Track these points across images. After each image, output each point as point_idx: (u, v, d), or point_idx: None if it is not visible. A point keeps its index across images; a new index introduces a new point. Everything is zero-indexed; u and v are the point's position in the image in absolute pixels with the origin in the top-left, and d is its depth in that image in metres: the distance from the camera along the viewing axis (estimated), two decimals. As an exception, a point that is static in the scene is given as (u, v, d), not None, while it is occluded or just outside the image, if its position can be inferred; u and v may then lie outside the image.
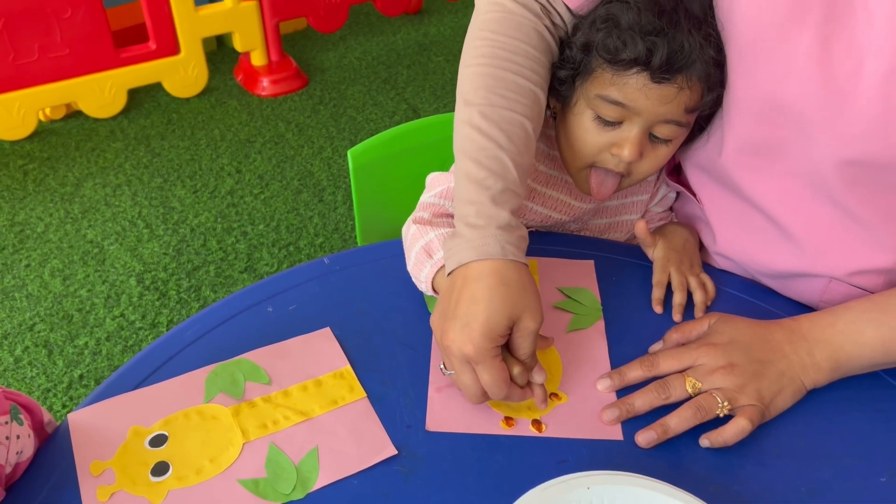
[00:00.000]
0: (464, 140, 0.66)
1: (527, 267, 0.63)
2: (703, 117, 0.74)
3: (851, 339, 0.64)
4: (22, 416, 0.57)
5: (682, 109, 0.68)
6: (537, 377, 0.63)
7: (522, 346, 0.62)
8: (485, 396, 0.62)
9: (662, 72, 0.65)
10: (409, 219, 0.76)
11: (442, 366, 0.64)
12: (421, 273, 0.70)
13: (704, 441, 0.61)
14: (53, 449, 0.60)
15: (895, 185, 0.63)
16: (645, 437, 0.61)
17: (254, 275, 1.78)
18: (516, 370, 0.62)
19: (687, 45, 0.64)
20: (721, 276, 0.80)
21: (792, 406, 0.64)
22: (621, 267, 0.80)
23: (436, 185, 0.79)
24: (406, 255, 0.74)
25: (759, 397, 0.62)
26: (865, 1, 0.57)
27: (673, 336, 0.69)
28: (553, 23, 0.72)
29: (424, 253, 0.70)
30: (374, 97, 2.46)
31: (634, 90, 0.67)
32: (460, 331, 0.60)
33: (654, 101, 0.67)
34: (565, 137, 0.75)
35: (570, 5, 0.71)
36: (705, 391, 0.62)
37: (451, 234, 0.66)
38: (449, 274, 0.64)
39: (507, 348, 0.63)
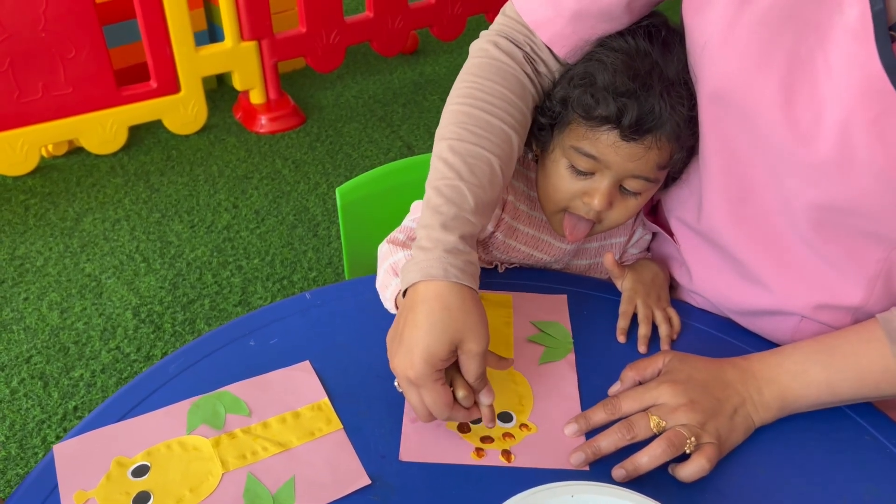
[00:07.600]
0: (432, 171, 0.70)
1: (473, 291, 0.64)
2: (676, 169, 0.78)
3: (798, 379, 0.66)
4: None
5: (652, 166, 0.72)
6: (484, 399, 0.65)
7: (469, 368, 0.63)
8: (432, 416, 0.64)
9: (632, 131, 0.69)
10: (386, 238, 0.79)
11: (396, 383, 0.66)
12: (386, 291, 0.73)
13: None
14: (39, 479, 0.62)
15: (857, 228, 0.65)
16: (616, 475, 0.62)
17: (248, 308, 1.80)
18: (461, 393, 0.64)
19: (658, 107, 0.68)
20: (692, 312, 0.82)
21: (747, 437, 0.66)
22: (592, 301, 0.82)
23: (417, 210, 0.82)
24: (377, 272, 0.77)
25: (717, 435, 0.64)
26: (826, 54, 0.60)
27: (629, 374, 0.71)
28: (536, 70, 0.75)
29: (391, 271, 0.73)
30: (370, 135, 2.51)
31: (605, 146, 0.71)
32: (404, 356, 0.62)
33: (623, 157, 0.71)
34: (542, 181, 0.79)
35: (557, 53, 0.75)
36: (670, 428, 0.64)
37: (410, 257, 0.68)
38: (404, 296, 0.66)
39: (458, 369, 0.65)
